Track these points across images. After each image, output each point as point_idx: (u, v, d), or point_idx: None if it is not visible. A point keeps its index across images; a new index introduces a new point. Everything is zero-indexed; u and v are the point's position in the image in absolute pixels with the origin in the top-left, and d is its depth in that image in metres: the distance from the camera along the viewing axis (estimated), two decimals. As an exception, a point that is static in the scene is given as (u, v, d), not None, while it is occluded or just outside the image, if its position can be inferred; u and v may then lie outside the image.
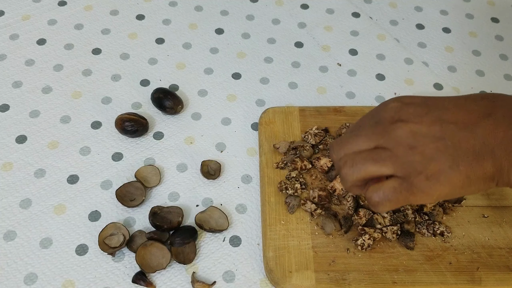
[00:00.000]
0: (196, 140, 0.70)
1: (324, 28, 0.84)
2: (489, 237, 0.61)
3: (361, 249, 0.58)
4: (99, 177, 0.66)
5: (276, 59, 0.79)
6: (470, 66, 0.80)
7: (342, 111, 0.71)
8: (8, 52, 0.77)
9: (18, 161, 0.67)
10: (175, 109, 0.71)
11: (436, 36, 0.84)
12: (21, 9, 0.83)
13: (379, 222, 0.60)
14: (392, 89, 0.76)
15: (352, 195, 0.61)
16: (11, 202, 0.63)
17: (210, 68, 0.78)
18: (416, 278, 0.57)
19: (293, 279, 0.57)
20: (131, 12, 0.84)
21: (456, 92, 0.76)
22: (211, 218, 0.62)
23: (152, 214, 0.61)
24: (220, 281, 0.59)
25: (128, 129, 0.68)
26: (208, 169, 0.66)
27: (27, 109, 0.71)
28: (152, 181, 0.65)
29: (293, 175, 0.64)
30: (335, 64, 0.79)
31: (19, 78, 0.75)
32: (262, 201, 0.63)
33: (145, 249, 0.59)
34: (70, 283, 0.58)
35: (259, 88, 0.76)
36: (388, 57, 0.80)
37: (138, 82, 0.75)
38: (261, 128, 0.69)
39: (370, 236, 0.59)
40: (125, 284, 0.58)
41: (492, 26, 0.86)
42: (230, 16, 0.85)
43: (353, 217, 0.61)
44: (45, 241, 0.61)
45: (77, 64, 0.77)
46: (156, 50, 0.79)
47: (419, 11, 0.87)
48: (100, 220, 0.62)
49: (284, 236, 0.60)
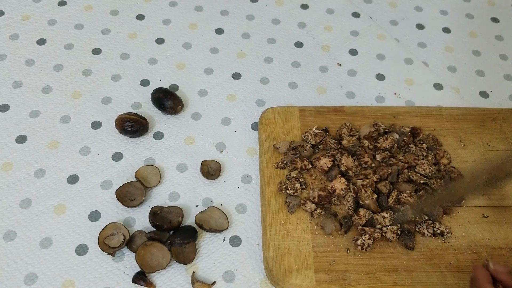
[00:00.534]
0: (196, 140, 0.70)
1: (324, 28, 0.84)
2: (489, 237, 0.61)
3: (361, 249, 0.58)
4: (99, 177, 0.66)
5: (276, 59, 0.79)
6: (470, 66, 0.80)
7: (342, 111, 0.71)
8: (8, 52, 0.77)
9: (18, 161, 0.67)
10: (175, 109, 0.71)
11: (436, 36, 0.84)
12: (21, 9, 0.83)
13: (379, 222, 0.60)
14: (392, 89, 0.76)
15: (352, 195, 0.61)
16: (11, 202, 0.63)
17: (210, 68, 0.78)
18: (416, 278, 0.57)
19: (293, 279, 0.57)
20: (131, 12, 0.84)
21: (456, 92, 0.76)
22: (211, 218, 0.62)
23: (152, 214, 0.61)
24: (220, 281, 0.59)
25: (128, 129, 0.68)
26: (208, 169, 0.66)
27: (27, 109, 0.71)
28: (152, 181, 0.65)
29: (293, 175, 0.64)
30: (335, 64, 0.79)
31: (19, 78, 0.75)
32: (262, 201, 0.63)
33: (145, 249, 0.59)
34: (70, 283, 0.58)
35: (259, 88, 0.76)
36: (388, 57, 0.80)
37: (138, 82, 0.75)
38: (261, 128, 0.69)
39: (370, 236, 0.59)
40: (125, 284, 0.58)
41: (492, 26, 0.86)
42: (230, 16, 0.85)
43: (353, 217, 0.61)
44: (45, 241, 0.61)
45: (77, 64, 0.77)
46: (156, 50, 0.79)
47: (419, 11, 0.87)
48: (100, 220, 0.62)
49: (284, 236, 0.60)
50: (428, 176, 0.64)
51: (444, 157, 0.66)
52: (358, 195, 0.62)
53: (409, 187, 0.63)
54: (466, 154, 0.68)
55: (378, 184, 0.63)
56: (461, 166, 0.66)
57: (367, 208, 0.61)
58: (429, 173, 0.64)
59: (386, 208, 0.61)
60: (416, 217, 0.60)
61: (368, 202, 0.61)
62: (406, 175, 0.64)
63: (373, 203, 0.61)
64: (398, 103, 0.75)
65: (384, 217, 0.60)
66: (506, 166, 0.53)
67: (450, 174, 0.65)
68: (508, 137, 0.69)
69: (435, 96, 0.76)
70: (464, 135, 0.69)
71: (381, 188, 0.62)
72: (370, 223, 0.60)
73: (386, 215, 0.60)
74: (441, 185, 0.62)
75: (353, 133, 0.68)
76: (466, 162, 0.67)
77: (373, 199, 0.61)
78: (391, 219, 0.60)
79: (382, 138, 0.66)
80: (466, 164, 0.67)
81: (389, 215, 0.60)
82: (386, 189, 0.62)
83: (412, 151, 0.66)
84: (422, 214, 0.61)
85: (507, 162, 0.53)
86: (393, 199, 0.61)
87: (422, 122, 0.70)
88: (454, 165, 0.66)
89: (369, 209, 0.61)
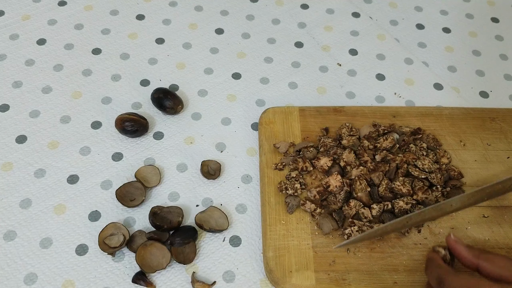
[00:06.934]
0: (196, 140, 0.70)
1: (324, 28, 0.84)
2: (489, 237, 0.61)
3: (347, 238, 0.58)
4: (99, 177, 0.66)
5: (276, 59, 0.79)
6: (470, 66, 0.80)
7: (342, 111, 0.71)
8: (8, 52, 0.77)
9: (18, 161, 0.67)
10: (175, 109, 0.71)
11: (436, 36, 0.84)
12: (21, 9, 0.83)
13: (365, 216, 0.60)
14: (392, 89, 0.76)
15: (346, 189, 0.61)
16: (11, 202, 0.63)
17: (210, 68, 0.78)
18: (416, 278, 0.57)
19: (293, 279, 0.57)
20: (131, 12, 0.84)
21: (456, 92, 0.76)
22: (211, 218, 0.62)
23: (152, 214, 0.61)
24: (220, 281, 0.59)
25: (128, 129, 0.68)
26: (208, 169, 0.66)
27: (27, 109, 0.71)
28: (152, 181, 0.65)
29: (293, 175, 0.64)
30: (335, 64, 0.79)
31: (19, 78, 0.75)
32: (262, 201, 0.63)
33: (145, 249, 0.59)
34: (70, 283, 0.58)
35: (259, 88, 0.76)
36: (388, 57, 0.80)
37: (138, 82, 0.75)
38: (261, 128, 0.69)
39: (359, 229, 0.59)
40: (125, 284, 0.58)
41: (492, 26, 0.86)
42: (230, 16, 0.85)
43: (343, 208, 0.61)
44: (45, 241, 0.61)
45: (77, 64, 0.77)
46: (156, 50, 0.79)
47: (419, 11, 0.87)
48: (100, 220, 0.62)
49: (284, 236, 0.60)
50: (428, 171, 0.64)
51: (444, 157, 0.66)
52: (352, 187, 0.62)
53: (405, 179, 0.63)
54: (466, 154, 0.68)
55: (371, 174, 0.63)
56: (461, 166, 0.66)
57: (359, 200, 0.61)
58: (428, 168, 0.64)
59: (377, 200, 0.62)
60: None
61: (360, 194, 0.61)
62: (404, 170, 0.64)
63: (366, 195, 0.61)
64: (398, 103, 0.75)
65: (372, 208, 0.60)
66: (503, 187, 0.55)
67: (450, 172, 0.65)
68: (508, 137, 0.69)
69: (435, 96, 0.76)
70: (464, 135, 0.69)
71: (374, 179, 0.62)
72: (357, 216, 0.60)
73: (376, 206, 0.60)
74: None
75: (353, 133, 0.68)
76: (466, 162, 0.67)
77: (366, 192, 0.61)
78: (379, 211, 0.60)
79: (382, 138, 0.66)
80: (466, 164, 0.67)
81: (379, 207, 0.60)
82: (378, 181, 0.63)
83: (412, 150, 0.66)
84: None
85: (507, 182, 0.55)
86: (383, 188, 0.61)
87: (422, 122, 0.70)
88: (454, 165, 0.66)
89: (361, 201, 0.61)
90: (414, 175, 0.63)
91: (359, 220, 0.60)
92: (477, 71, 0.79)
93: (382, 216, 0.61)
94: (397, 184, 0.62)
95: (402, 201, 0.61)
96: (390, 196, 0.62)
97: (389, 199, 0.62)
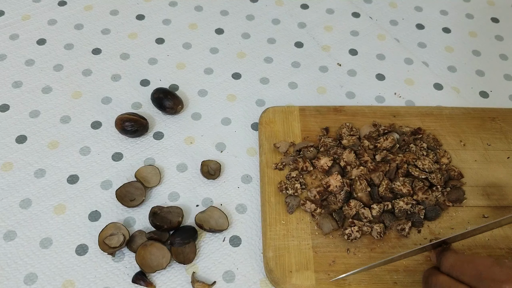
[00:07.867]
0: (196, 140, 0.70)
1: (324, 28, 0.84)
2: (489, 237, 0.61)
3: (347, 238, 0.58)
4: (99, 177, 0.66)
5: (276, 59, 0.79)
6: (470, 66, 0.80)
7: (342, 111, 0.71)
8: (8, 52, 0.77)
9: (18, 161, 0.67)
10: (175, 109, 0.71)
11: (436, 36, 0.84)
12: (21, 9, 0.83)
13: (365, 216, 0.60)
14: (392, 89, 0.76)
15: (346, 189, 0.61)
16: (11, 202, 0.63)
17: (210, 68, 0.78)
18: (416, 278, 0.57)
19: (293, 279, 0.57)
20: (131, 12, 0.84)
21: (456, 92, 0.76)
22: (211, 218, 0.62)
23: (152, 214, 0.61)
24: (220, 281, 0.59)
25: (128, 129, 0.68)
26: (208, 169, 0.66)
27: (27, 109, 0.71)
28: (152, 181, 0.65)
29: (293, 175, 0.64)
30: (335, 64, 0.79)
31: (19, 78, 0.75)
32: (262, 201, 0.63)
33: (145, 249, 0.59)
34: (70, 283, 0.58)
35: (259, 88, 0.76)
36: (388, 57, 0.80)
37: (138, 82, 0.75)
38: (261, 128, 0.69)
39: (359, 229, 0.59)
40: (125, 284, 0.58)
41: (492, 26, 0.86)
42: (230, 16, 0.85)
43: (343, 208, 0.61)
44: (45, 241, 0.61)
45: (77, 64, 0.77)
46: (156, 50, 0.79)
47: (419, 11, 0.87)
48: (100, 220, 0.62)
49: (284, 236, 0.60)
50: (428, 171, 0.64)
51: (444, 157, 0.66)
52: (352, 187, 0.62)
53: (405, 179, 0.63)
54: (466, 154, 0.68)
55: (372, 174, 0.63)
56: (461, 166, 0.66)
57: (359, 200, 0.61)
58: (428, 168, 0.64)
59: (377, 200, 0.61)
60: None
61: (361, 194, 0.61)
62: (404, 170, 0.64)
63: (366, 195, 0.61)
64: (398, 103, 0.75)
65: (373, 208, 0.60)
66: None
67: (450, 172, 0.65)
68: (508, 137, 0.69)
69: (435, 96, 0.76)
70: (464, 135, 0.69)
71: (374, 179, 0.62)
72: (357, 217, 0.60)
73: (376, 207, 0.60)
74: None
75: (353, 132, 0.68)
76: (466, 162, 0.67)
77: (366, 192, 0.61)
78: (379, 211, 0.60)
79: (382, 138, 0.66)
80: (466, 164, 0.67)
81: (379, 207, 0.60)
82: (379, 181, 0.63)
83: (412, 150, 0.66)
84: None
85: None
86: (384, 188, 0.61)
87: (422, 122, 0.70)
88: (454, 165, 0.66)
89: (361, 201, 0.61)
90: (414, 175, 0.63)
91: (359, 220, 0.60)
92: (477, 71, 0.79)
93: (382, 216, 0.61)
94: (397, 184, 0.62)
95: (402, 201, 0.61)
96: (390, 196, 0.62)
97: (389, 199, 0.62)
